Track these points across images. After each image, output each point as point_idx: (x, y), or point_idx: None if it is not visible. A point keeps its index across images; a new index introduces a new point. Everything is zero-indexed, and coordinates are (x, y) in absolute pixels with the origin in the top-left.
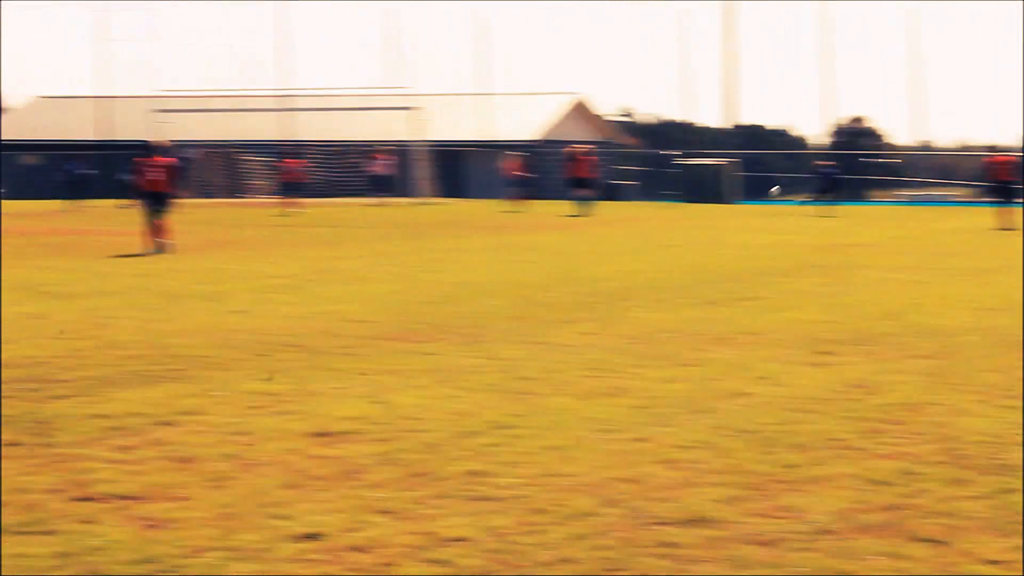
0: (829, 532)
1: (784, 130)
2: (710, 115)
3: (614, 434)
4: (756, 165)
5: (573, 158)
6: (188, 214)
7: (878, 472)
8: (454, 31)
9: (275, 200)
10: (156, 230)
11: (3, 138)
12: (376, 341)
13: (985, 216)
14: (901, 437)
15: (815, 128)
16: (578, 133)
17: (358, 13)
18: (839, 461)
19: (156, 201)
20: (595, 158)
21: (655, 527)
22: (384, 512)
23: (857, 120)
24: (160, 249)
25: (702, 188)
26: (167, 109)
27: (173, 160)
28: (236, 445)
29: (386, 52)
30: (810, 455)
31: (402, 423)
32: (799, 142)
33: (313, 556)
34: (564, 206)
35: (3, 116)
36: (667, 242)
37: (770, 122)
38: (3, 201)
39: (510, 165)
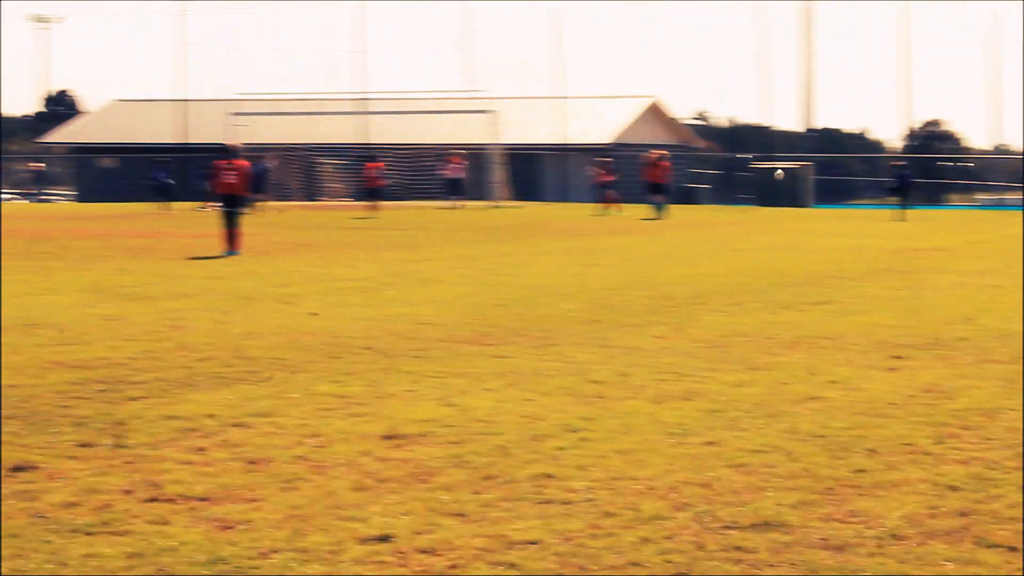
0: (900, 537)
1: (860, 133)
2: (786, 118)
3: (685, 438)
4: (831, 169)
5: (650, 162)
6: (264, 217)
7: (950, 477)
8: (529, 34)
9: (353, 203)
10: (231, 234)
11: (81, 141)
12: (448, 344)
13: None
14: (974, 442)
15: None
16: (653, 136)
17: (433, 17)
18: (911, 466)
19: (231, 204)
20: (668, 163)
21: (725, 531)
22: (454, 515)
23: (934, 123)
24: (234, 252)
25: (777, 192)
26: (243, 112)
27: (248, 164)
28: (308, 447)
29: (462, 55)
30: (882, 460)
31: (473, 426)
32: (875, 146)
33: (383, 558)
34: (640, 209)
35: (81, 119)
36: (740, 246)
37: (846, 125)
38: (78, 203)
39: (599, 169)
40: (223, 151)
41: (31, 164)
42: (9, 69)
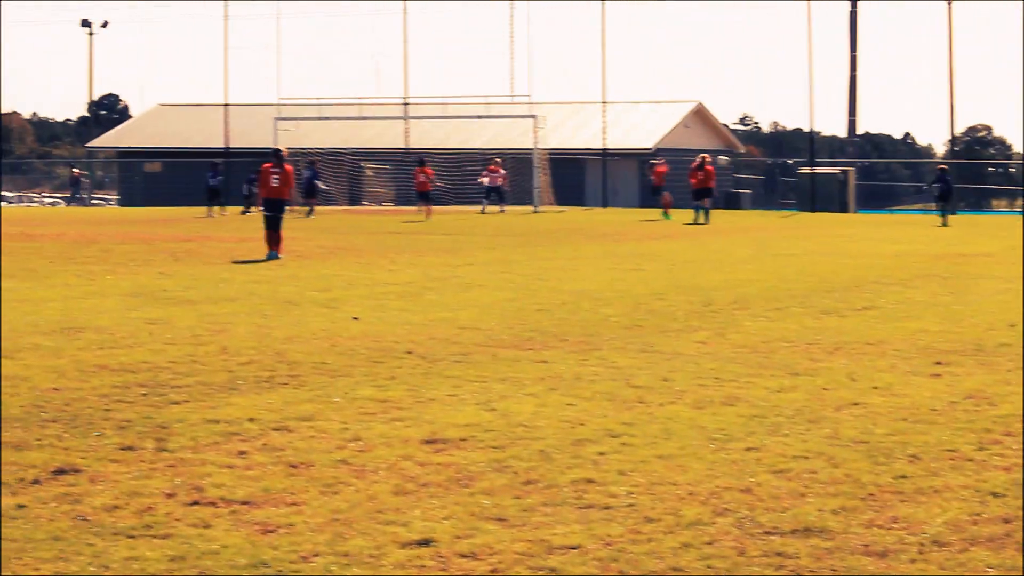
0: (942, 544)
1: (905, 139)
2: (830, 123)
3: (726, 443)
4: (876, 174)
5: (695, 167)
6: (307, 221)
7: (993, 484)
8: (573, 38)
9: (397, 208)
10: (274, 237)
11: (125, 145)
12: (490, 348)
13: None
14: (1016, 448)
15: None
16: (697, 141)
17: (478, 21)
18: (953, 472)
19: (275, 208)
20: (711, 168)
21: (766, 537)
22: (495, 519)
23: (979, 129)
24: (276, 256)
25: (821, 197)
26: (288, 117)
27: (292, 168)
28: (349, 451)
29: (507, 60)
30: (924, 466)
31: (515, 430)
32: (921, 151)
33: (424, 562)
34: (685, 214)
35: (126, 124)
36: (784, 251)
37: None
38: (123, 208)
39: (659, 169)
40: (268, 156)
41: (75, 171)
42: (55, 73)
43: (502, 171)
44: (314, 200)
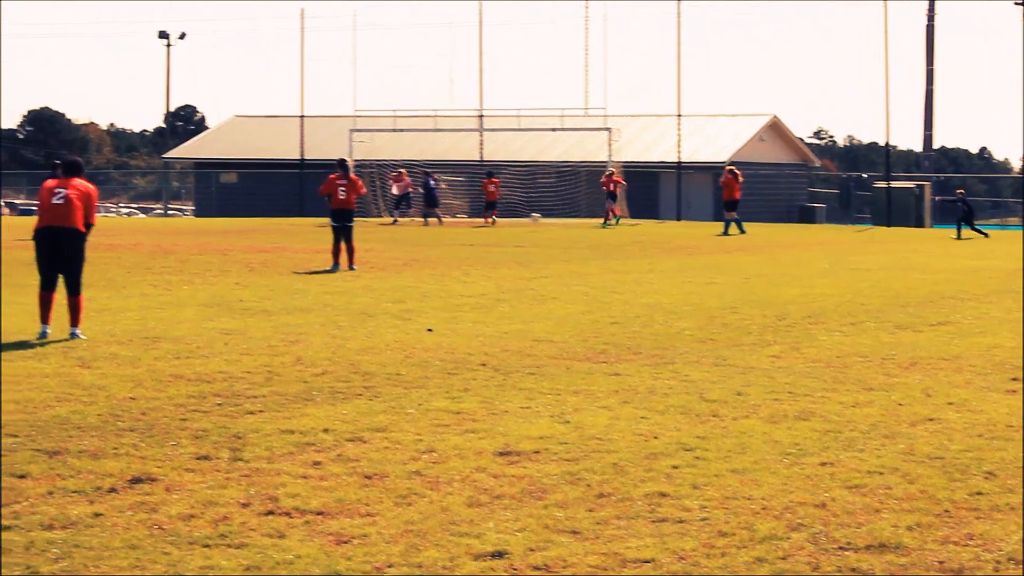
0: (1018, 562)
1: (981, 153)
2: (906, 137)
3: (801, 458)
4: (952, 189)
5: (730, 178)
6: (382, 233)
7: None
8: (650, 52)
9: (470, 220)
10: (346, 249)
11: (202, 156)
12: (564, 361)
13: None
14: None
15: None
16: (772, 155)
17: (554, 34)
18: None
19: (344, 219)
20: (731, 178)
21: (840, 552)
22: (569, 532)
23: None
24: (348, 266)
25: (897, 211)
26: (363, 129)
27: (358, 178)
28: (423, 462)
29: (582, 73)
30: (1000, 483)
31: (588, 443)
32: (997, 165)
33: (497, 574)
34: (750, 227)
35: (202, 135)
36: (859, 265)
37: (967, 144)
38: (199, 218)
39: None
40: (337, 167)
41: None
42: (133, 85)
43: (407, 179)
44: (436, 210)
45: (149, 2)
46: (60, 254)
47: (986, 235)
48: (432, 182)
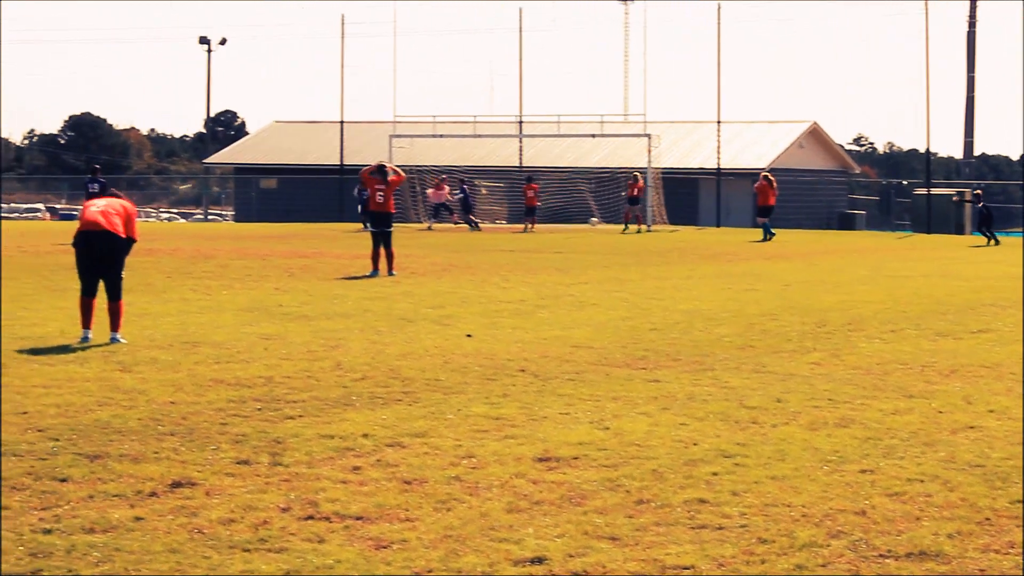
0: None
1: (1021, 160)
2: (946, 143)
3: (840, 465)
4: (992, 196)
5: (765, 184)
6: (421, 238)
7: None
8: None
9: (509, 226)
10: (385, 254)
11: (242, 162)
12: (603, 367)
13: None
14: None
15: None
16: (811, 161)
17: (594, 40)
18: None
19: (382, 223)
20: (765, 184)
21: (881, 560)
22: (608, 538)
23: None
24: (388, 272)
25: (937, 218)
26: (403, 135)
27: (396, 177)
28: (462, 468)
29: (621, 79)
30: None
31: (627, 449)
32: None
33: None
34: (790, 234)
35: (242, 140)
36: (899, 272)
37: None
38: (239, 223)
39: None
40: (377, 170)
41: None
42: (174, 90)
43: (446, 188)
44: (473, 216)
45: (191, 6)
46: (99, 258)
47: (997, 242)
48: (467, 188)
